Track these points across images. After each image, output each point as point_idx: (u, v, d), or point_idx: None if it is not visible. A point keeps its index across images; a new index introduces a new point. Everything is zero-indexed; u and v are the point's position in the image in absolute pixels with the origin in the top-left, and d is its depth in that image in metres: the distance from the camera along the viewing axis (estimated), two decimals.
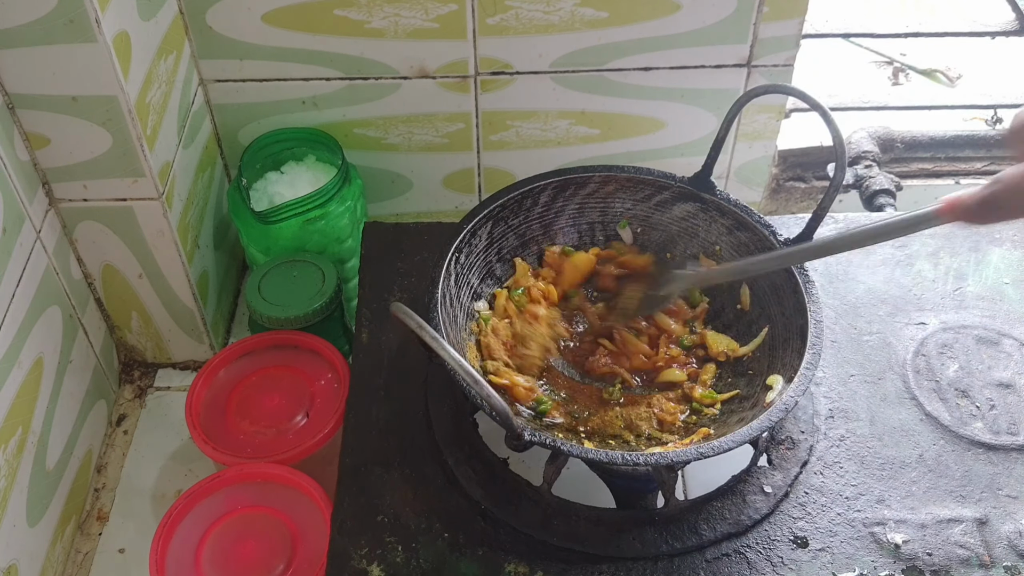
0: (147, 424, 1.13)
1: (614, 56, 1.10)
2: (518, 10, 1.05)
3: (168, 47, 1.01)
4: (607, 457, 0.73)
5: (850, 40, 1.46)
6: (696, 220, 0.92)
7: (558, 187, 0.92)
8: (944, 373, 0.89)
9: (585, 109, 1.15)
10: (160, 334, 1.14)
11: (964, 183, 1.30)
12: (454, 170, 1.21)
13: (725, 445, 0.72)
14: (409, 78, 1.11)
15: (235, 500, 0.91)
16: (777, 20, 1.07)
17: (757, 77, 1.12)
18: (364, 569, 0.77)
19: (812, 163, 1.30)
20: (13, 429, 0.90)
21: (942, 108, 1.36)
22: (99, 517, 1.05)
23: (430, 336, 0.69)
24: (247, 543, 0.88)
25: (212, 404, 0.99)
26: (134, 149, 0.94)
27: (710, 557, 0.77)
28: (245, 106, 1.14)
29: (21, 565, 0.91)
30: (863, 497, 0.80)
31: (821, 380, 0.88)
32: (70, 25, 0.85)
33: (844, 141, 0.80)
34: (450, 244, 0.85)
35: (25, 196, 0.93)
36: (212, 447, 0.95)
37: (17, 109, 0.91)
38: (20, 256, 0.92)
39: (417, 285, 0.96)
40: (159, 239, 1.03)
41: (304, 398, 0.99)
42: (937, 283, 0.96)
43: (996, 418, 0.85)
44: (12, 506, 0.90)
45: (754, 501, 0.80)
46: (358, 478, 0.82)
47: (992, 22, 1.49)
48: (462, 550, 0.78)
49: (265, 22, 1.06)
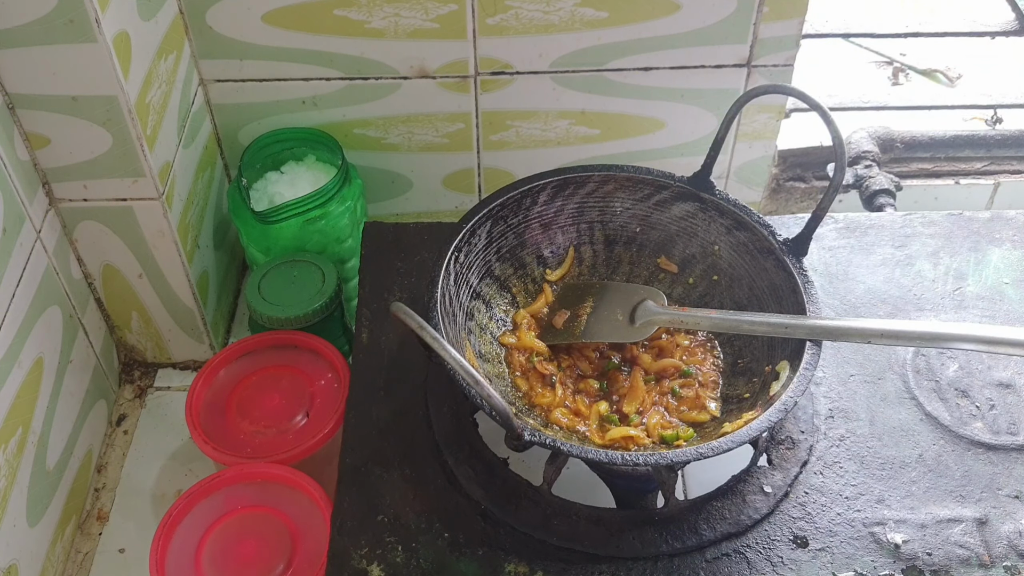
0: (147, 424, 1.13)
1: (614, 56, 1.10)
2: (518, 10, 1.05)
3: (168, 47, 1.01)
4: (607, 457, 0.73)
5: (850, 40, 1.46)
6: (695, 220, 0.92)
7: (557, 186, 0.92)
8: (944, 373, 0.89)
9: (585, 109, 1.15)
10: (160, 334, 1.14)
11: (964, 183, 1.31)
12: (454, 170, 1.21)
13: (725, 445, 0.72)
14: (409, 78, 1.11)
15: (235, 500, 0.91)
16: (777, 20, 1.07)
17: (757, 77, 1.12)
18: (364, 569, 0.77)
19: (812, 163, 1.30)
20: (13, 429, 0.90)
21: (942, 108, 1.35)
22: (99, 517, 1.05)
23: (430, 336, 0.69)
24: (247, 543, 0.88)
25: (212, 404, 0.99)
26: (134, 149, 0.95)
27: (710, 557, 0.77)
28: (245, 106, 1.14)
29: (21, 565, 0.91)
30: (863, 497, 0.80)
31: (821, 380, 0.88)
32: (70, 25, 0.85)
33: (844, 141, 0.80)
34: (450, 243, 0.85)
35: (25, 196, 0.93)
36: (212, 447, 0.95)
37: (17, 109, 0.91)
38: (20, 256, 0.92)
39: (417, 285, 0.96)
40: (159, 239, 1.03)
41: (304, 398, 0.99)
42: (937, 283, 0.96)
43: (996, 418, 0.85)
44: (12, 506, 0.90)
45: (754, 501, 0.80)
46: (358, 478, 0.82)
47: (992, 22, 1.49)
48: (462, 550, 0.78)
49: (265, 22, 1.06)
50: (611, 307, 0.89)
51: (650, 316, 0.86)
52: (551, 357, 0.88)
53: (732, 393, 0.85)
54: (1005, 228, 1.01)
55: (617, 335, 0.87)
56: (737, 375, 0.86)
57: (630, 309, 0.87)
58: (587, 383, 0.86)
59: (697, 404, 0.84)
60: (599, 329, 0.87)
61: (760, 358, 0.84)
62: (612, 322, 0.87)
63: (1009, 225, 1.01)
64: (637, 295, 0.89)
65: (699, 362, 0.88)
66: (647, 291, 0.89)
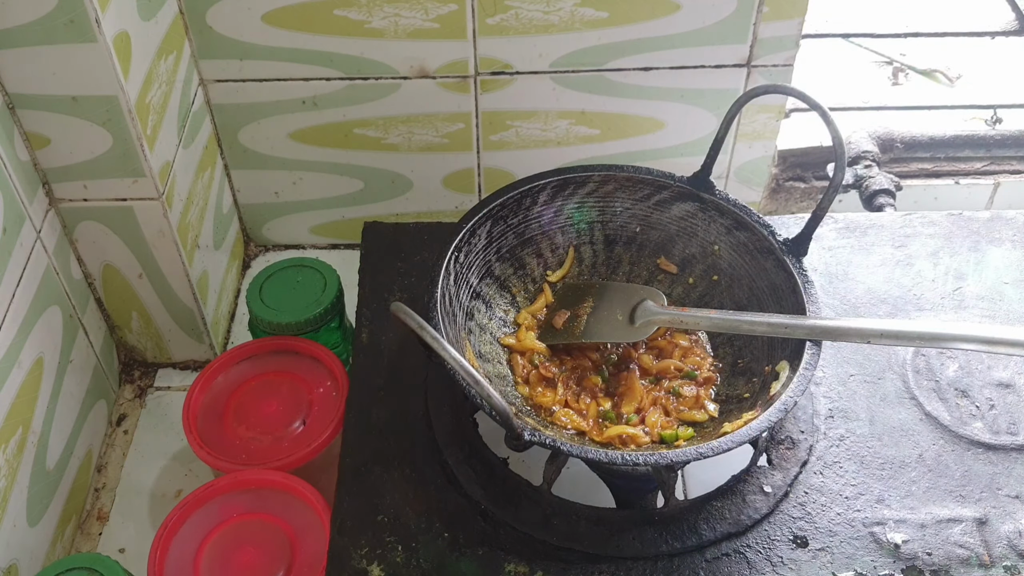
0: (147, 424, 1.13)
1: (614, 56, 1.10)
2: (518, 10, 1.05)
3: (168, 47, 1.02)
4: (607, 457, 0.73)
5: (850, 40, 1.46)
6: (695, 220, 0.92)
7: (557, 186, 0.92)
8: (944, 373, 0.89)
9: (585, 109, 1.15)
10: (160, 334, 1.14)
11: (964, 183, 1.31)
12: (454, 170, 1.21)
13: (725, 445, 0.72)
14: (409, 78, 1.11)
15: (232, 507, 0.90)
16: (777, 20, 1.07)
17: (757, 77, 1.12)
18: (364, 569, 0.77)
19: (812, 163, 1.30)
20: (13, 429, 0.90)
21: (942, 108, 1.35)
22: (99, 517, 1.05)
23: (430, 336, 0.69)
24: (245, 550, 0.87)
25: (209, 409, 0.99)
26: (134, 149, 0.95)
27: (710, 557, 0.77)
28: (245, 106, 1.14)
29: (21, 565, 0.91)
30: (863, 497, 0.80)
31: (821, 380, 0.88)
32: (70, 25, 0.85)
33: (844, 141, 0.80)
34: (449, 243, 0.85)
35: (25, 196, 0.93)
36: (208, 452, 0.94)
37: (17, 109, 0.91)
38: (20, 256, 0.92)
39: (417, 285, 0.96)
40: (159, 239, 1.03)
41: (302, 405, 0.98)
42: (937, 283, 0.96)
43: (996, 418, 0.85)
44: (12, 506, 0.90)
45: (754, 501, 0.80)
46: (358, 478, 0.82)
47: (992, 22, 1.49)
48: (462, 550, 0.78)
49: (265, 22, 1.06)
50: (611, 307, 0.89)
51: (650, 316, 0.86)
52: (551, 357, 0.88)
53: (732, 393, 0.85)
54: (1005, 228, 1.01)
55: (617, 335, 0.87)
56: (737, 375, 0.86)
57: (630, 309, 0.87)
58: (589, 380, 0.86)
59: (696, 404, 0.84)
60: (599, 329, 0.87)
61: (760, 358, 0.84)
62: (612, 322, 0.87)
63: (1009, 225, 1.01)
64: (637, 295, 0.89)
65: (698, 362, 0.88)
66: (647, 291, 0.89)
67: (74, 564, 0.85)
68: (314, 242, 1.30)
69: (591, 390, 0.85)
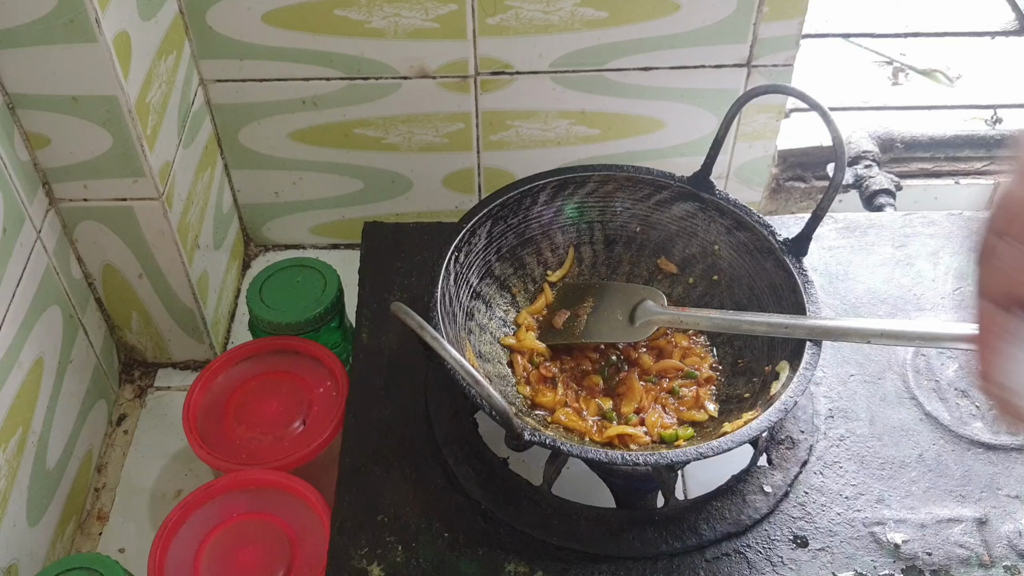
0: (147, 424, 1.13)
1: (614, 56, 1.10)
2: (518, 10, 1.05)
3: (168, 47, 1.02)
4: (607, 457, 0.74)
5: (850, 40, 1.46)
6: (695, 220, 0.92)
7: (557, 186, 0.92)
8: (944, 373, 0.89)
9: (585, 109, 1.15)
10: (160, 334, 1.14)
11: (964, 183, 1.31)
12: (454, 170, 1.21)
13: (725, 445, 0.72)
14: (409, 78, 1.11)
15: (232, 507, 0.90)
16: (777, 20, 1.07)
17: (757, 77, 1.12)
18: (364, 569, 0.77)
19: (812, 163, 1.30)
20: (13, 429, 0.90)
21: (942, 108, 1.35)
22: (99, 517, 1.05)
23: (430, 336, 0.69)
24: (245, 551, 0.87)
25: (210, 409, 0.99)
26: (134, 149, 0.95)
27: (710, 557, 0.77)
28: (245, 106, 1.14)
29: (21, 565, 0.91)
30: (863, 497, 0.80)
31: (821, 380, 0.88)
32: (70, 25, 0.85)
33: (844, 141, 0.80)
34: (449, 243, 0.86)
35: (25, 196, 0.93)
36: (208, 452, 0.94)
37: (17, 109, 0.91)
38: (20, 256, 0.92)
39: (417, 285, 0.96)
40: (159, 239, 1.03)
41: (302, 405, 0.98)
42: (937, 283, 0.96)
43: (996, 418, 0.85)
44: (12, 506, 0.90)
45: (754, 501, 0.80)
46: (358, 478, 0.82)
47: (992, 22, 1.49)
48: (462, 550, 0.78)
49: (265, 22, 1.06)
50: (611, 307, 0.89)
51: (650, 316, 0.86)
52: (551, 357, 0.88)
53: (732, 393, 0.85)
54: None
55: (617, 335, 0.87)
56: (737, 375, 0.86)
57: (630, 309, 0.87)
58: (589, 380, 0.86)
59: (696, 404, 0.84)
60: (599, 329, 0.87)
61: (760, 358, 0.84)
62: (612, 322, 0.87)
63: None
64: (637, 295, 0.89)
65: (698, 362, 0.88)
66: (647, 291, 0.89)
67: (74, 564, 0.85)
68: (314, 242, 1.31)
69: (591, 390, 0.85)
